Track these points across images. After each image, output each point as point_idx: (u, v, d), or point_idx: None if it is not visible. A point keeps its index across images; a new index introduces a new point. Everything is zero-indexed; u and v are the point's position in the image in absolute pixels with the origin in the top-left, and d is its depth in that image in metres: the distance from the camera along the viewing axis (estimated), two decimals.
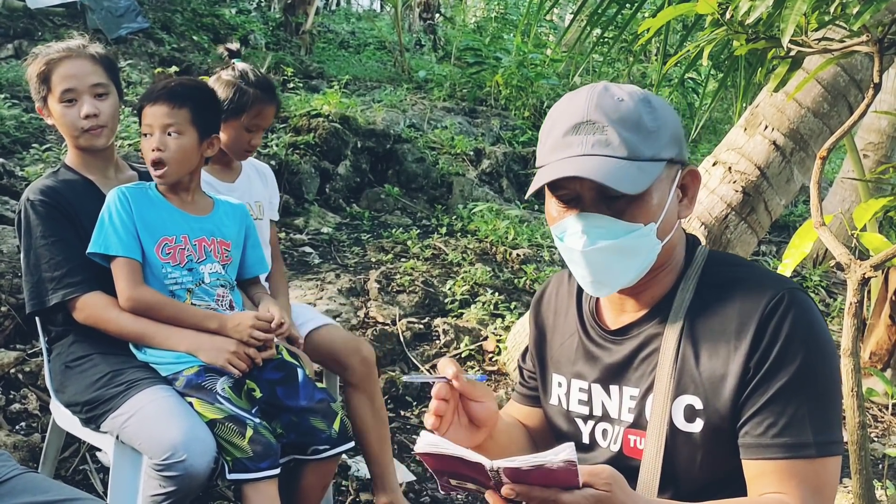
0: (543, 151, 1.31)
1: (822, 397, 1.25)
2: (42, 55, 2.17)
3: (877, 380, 3.58)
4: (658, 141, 1.28)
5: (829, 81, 3.26)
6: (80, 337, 2.12)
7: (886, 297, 4.06)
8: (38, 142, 4.65)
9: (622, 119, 1.26)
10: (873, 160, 5.78)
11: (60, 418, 2.21)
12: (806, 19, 1.96)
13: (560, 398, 1.49)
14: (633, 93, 1.30)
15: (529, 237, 5.19)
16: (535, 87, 8.06)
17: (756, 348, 1.25)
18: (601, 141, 1.24)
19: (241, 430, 1.92)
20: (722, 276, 1.35)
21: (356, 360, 2.52)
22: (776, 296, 1.27)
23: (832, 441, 1.25)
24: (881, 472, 3.08)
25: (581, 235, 1.28)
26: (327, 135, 5.76)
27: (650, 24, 2.24)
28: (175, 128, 2.09)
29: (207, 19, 9.36)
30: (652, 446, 1.32)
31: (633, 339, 1.38)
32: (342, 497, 2.78)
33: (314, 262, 4.68)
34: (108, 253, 2.05)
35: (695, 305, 1.33)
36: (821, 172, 2.12)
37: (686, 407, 1.30)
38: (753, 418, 1.26)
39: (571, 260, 1.33)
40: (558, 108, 1.32)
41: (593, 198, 1.27)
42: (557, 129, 1.29)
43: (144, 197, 2.12)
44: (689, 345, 1.31)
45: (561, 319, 1.53)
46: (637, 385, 1.36)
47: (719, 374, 1.28)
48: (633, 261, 1.30)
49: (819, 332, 1.27)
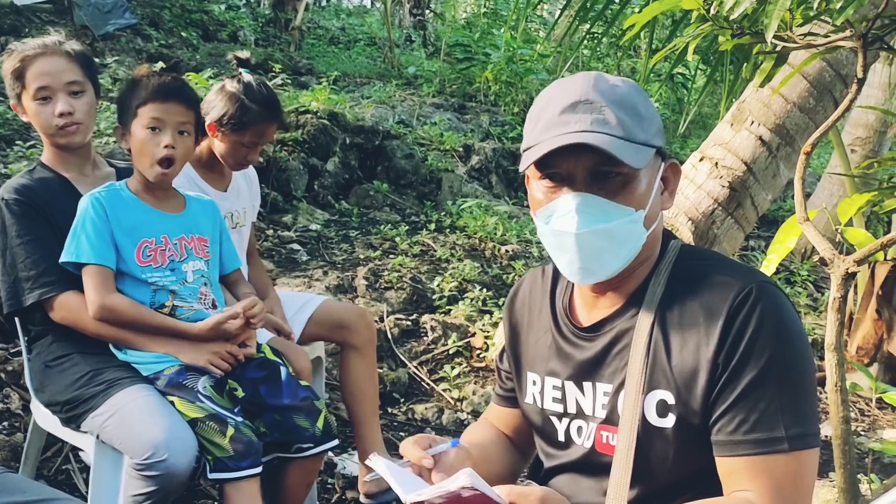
0: (536, 130, 1.30)
1: (794, 390, 1.24)
2: (17, 51, 2.14)
3: (862, 374, 3.59)
4: (650, 128, 1.30)
5: (814, 76, 3.27)
6: (60, 336, 2.10)
7: (873, 291, 4.06)
8: (23, 139, 4.61)
9: (619, 101, 1.27)
10: (861, 155, 5.79)
11: (41, 418, 2.19)
12: (790, 14, 1.96)
13: (535, 396, 1.48)
14: (626, 81, 1.33)
15: (518, 233, 5.18)
16: (525, 82, 8.05)
17: (724, 342, 1.25)
18: (599, 120, 1.25)
19: (223, 428, 1.91)
20: (692, 269, 1.35)
21: (362, 323, 2.65)
22: (745, 289, 1.26)
23: (806, 434, 1.23)
24: (866, 466, 3.09)
25: (574, 215, 1.26)
26: (316, 131, 5.73)
27: (637, 19, 2.24)
28: (186, 128, 2.08)
29: (196, 15, 9.32)
30: (623, 442, 1.30)
31: (605, 335, 1.38)
32: (328, 495, 2.77)
33: (302, 258, 4.66)
34: (79, 261, 2.01)
35: (665, 299, 1.33)
36: (805, 168, 2.12)
37: (658, 402, 1.30)
38: (725, 415, 1.25)
39: (559, 245, 1.31)
40: (550, 91, 1.33)
41: (586, 177, 1.26)
42: (552, 109, 1.29)
43: (118, 200, 2.08)
44: (660, 339, 1.31)
45: (535, 317, 1.52)
46: (610, 381, 1.36)
47: (690, 368, 1.27)
48: (622, 248, 1.30)
49: (789, 325, 1.26)
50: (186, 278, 2.11)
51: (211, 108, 2.43)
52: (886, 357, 4.10)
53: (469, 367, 3.74)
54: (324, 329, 2.63)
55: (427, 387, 3.62)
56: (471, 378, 3.66)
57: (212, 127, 2.43)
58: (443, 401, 3.52)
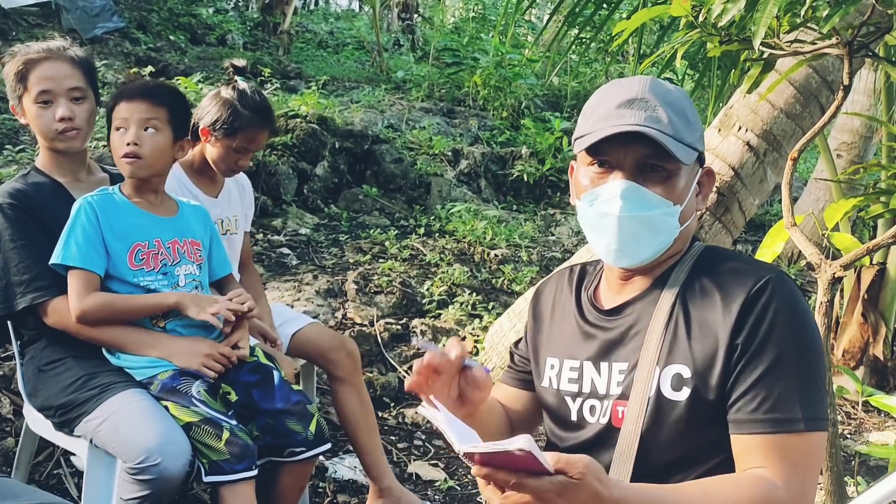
0: (591, 120, 1.41)
1: (809, 376, 1.31)
2: (21, 54, 2.15)
3: (849, 378, 3.62)
4: (695, 132, 1.41)
5: (801, 83, 3.30)
6: (53, 341, 2.10)
7: (859, 295, 4.11)
8: (12, 143, 4.60)
9: (671, 104, 1.38)
10: (847, 160, 5.84)
11: (33, 423, 2.19)
12: (777, 22, 1.99)
13: (551, 379, 1.54)
14: (678, 88, 1.45)
15: (507, 237, 5.20)
16: (513, 87, 8.07)
17: (742, 326, 1.32)
18: (653, 117, 1.36)
19: (218, 432, 1.91)
20: (715, 261, 1.43)
21: (342, 354, 2.61)
22: (763, 277, 1.35)
23: (819, 417, 1.30)
24: (853, 468, 3.12)
25: (618, 200, 1.36)
26: (305, 135, 5.74)
27: (625, 25, 2.26)
28: (152, 124, 2.06)
29: (184, 18, 9.31)
30: (633, 411, 1.37)
31: (627, 317, 1.46)
32: (319, 499, 2.78)
33: (292, 263, 4.66)
34: (65, 264, 2.01)
35: (686, 285, 1.42)
36: (792, 173, 2.15)
37: (674, 376, 1.36)
38: (745, 395, 1.31)
39: (601, 226, 1.41)
40: (607, 88, 1.44)
41: (633, 167, 1.37)
42: (608, 102, 1.40)
43: (111, 204, 2.09)
44: (680, 317, 1.39)
45: (559, 308, 1.60)
46: (627, 359, 1.42)
47: (708, 345, 1.34)
48: (657, 237, 1.40)
49: (804, 313, 1.35)
50: (178, 282, 2.12)
51: (205, 113, 2.46)
52: (872, 360, 4.15)
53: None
54: (305, 350, 2.63)
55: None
56: None
57: (205, 132, 2.45)
58: None
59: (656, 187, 1.37)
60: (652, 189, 1.37)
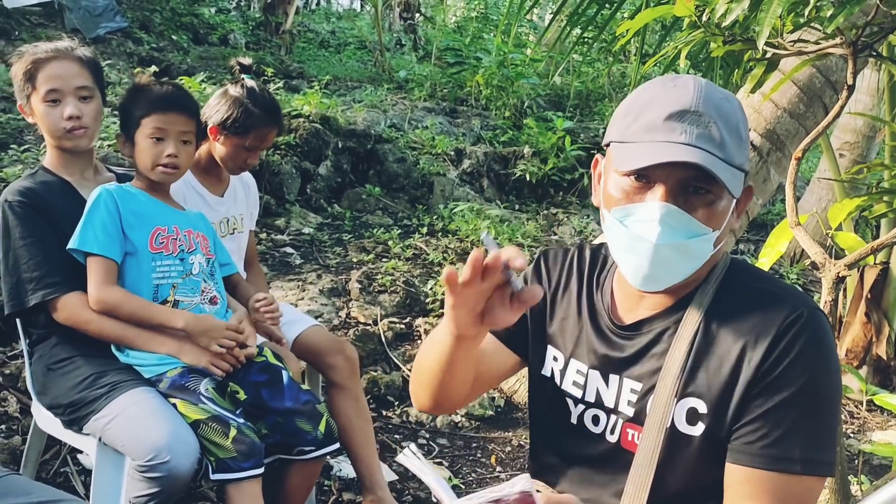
0: (634, 127, 1.26)
1: (820, 417, 1.25)
2: (29, 53, 2.16)
3: (852, 377, 3.63)
4: (744, 151, 1.28)
5: (804, 83, 3.31)
6: (63, 339, 2.11)
7: (862, 294, 4.11)
8: (17, 142, 4.61)
9: (726, 119, 1.24)
10: (849, 159, 5.84)
11: (42, 421, 2.20)
12: (781, 21, 1.99)
13: (554, 372, 1.49)
14: (732, 97, 1.29)
15: (510, 237, 5.21)
16: (516, 86, 8.08)
17: (766, 360, 1.25)
18: (705, 135, 1.22)
19: (225, 430, 1.92)
20: (742, 283, 1.35)
21: (340, 359, 2.58)
22: (795, 312, 1.26)
23: (821, 461, 1.23)
24: (856, 467, 3.13)
25: (657, 225, 1.23)
26: (308, 135, 5.75)
27: (628, 25, 2.27)
28: (188, 137, 2.15)
29: (186, 18, 9.33)
30: (647, 444, 1.31)
31: (644, 335, 1.37)
32: (325, 497, 2.79)
33: (295, 262, 4.67)
34: (84, 250, 2.04)
35: (712, 309, 1.32)
36: (796, 173, 2.16)
37: (689, 410, 1.30)
38: (748, 425, 1.26)
39: (632, 248, 1.28)
40: (655, 89, 1.28)
41: (675, 187, 1.24)
42: (657, 110, 1.24)
43: (129, 194, 2.13)
44: (703, 347, 1.31)
45: (562, 296, 1.51)
46: (640, 380, 1.36)
47: (728, 380, 1.27)
48: (689, 263, 1.29)
49: (830, 354, 1.27)
50: (192, 270, 2.14)
51: (214, 111, 2.46)
52: (875, 360, 4.15)
53: None
54: (305, 353, 2.62)
55: None
56: None
57: (213, 130, 2.45)
58: None
59: (698, 212, 1.24)
60: (693, 214, 1.24)
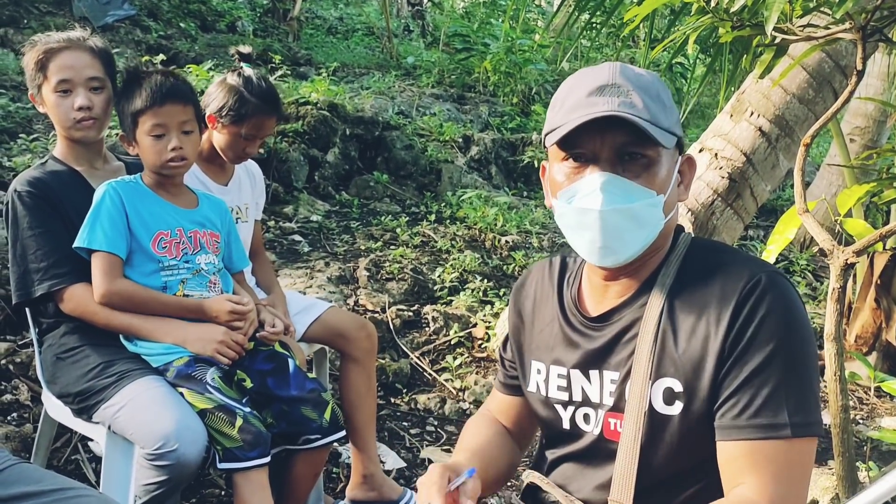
0: (561, 113, 1.32)
1: (798, 378, 1.25)
2: (41, 43, 2.16)
3: (861, 364, 3.62)
4: (672, 116, 1.33)
5: (813, 68, 3.29)
6: (72, 328, 2.13)
7: (871, 281, 4.09)
8: (26, 132, 4.63)
9: (644, 88, 1.30)
10: (860, 144, 5.80)
11: (52, 409, 2.22)
12: (790, 6, 1.98)
13: (538, 385, 1.50)
14: (650, 72, 1.36)
15: (518, 224, 5.20)
16: (524, 72, 8.05)
17: (732, 329, 1.26)
18: (626, 102, 1.27)
19: (231, 419, 1.93)
20: (704, 260, 1.36)
21: (363, 334, 2.66)
22: (754, 277, 1.27)
23: (808, 422, 1.24)
24: (864, 454, 3.12)
25: (598, 194, 1.27)
26: (316, 122, 5.75)
27: (637, 11, 2.26)
28: (188, 125, 2.12)
29: (194, 6, 9.31)
30: (629, 429, 1.32)
31: (614, 325, 1.39)
32: (333, 484, 2.81)
33: (303, 250, 4.68)
34: (89, 247, 2.04)
35: (675, 288, 1.34)
36: (805, 159, 2.15)
37: (665, 390, 1.31)
38: (729, 400, 1.26)
39: (581, 224, 1.31)
40: (575, 78, 1.36)
41: (611, 157, 1.28)
42: (578, 92, 1.31)
43: (136, 192, 2.12)
44: (668, 327, 1.32)
45: (540, 307, 1.54)
46: (617, 369, 1.37)
47: (699, 356, 1.28)
48: (642, 230, 1.31)
49: (796, 314, 1.27)
50: (200, 268, 2.15)
51: (211, 100, 2.46)
52: (885, 346, 4.14)
53: (471, 358, 3.78)
54: (325, 335, 2.65)
55: (429, 377, 3.65)
56: (472, 368, 3.70)
57: (211, 119, 2.45)
58: (445, 391, 3.55)
59: (637, 177, 1.28)
60: (633, 179, 1.28)
